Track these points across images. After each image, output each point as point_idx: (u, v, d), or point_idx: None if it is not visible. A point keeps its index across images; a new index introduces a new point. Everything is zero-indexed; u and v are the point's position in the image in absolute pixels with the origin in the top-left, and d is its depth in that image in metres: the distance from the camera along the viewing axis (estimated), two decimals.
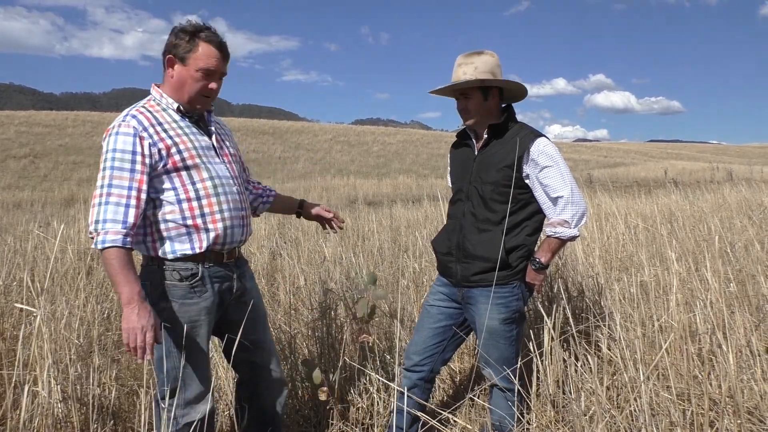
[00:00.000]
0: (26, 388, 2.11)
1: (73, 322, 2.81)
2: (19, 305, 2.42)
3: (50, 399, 2.26)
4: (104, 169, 1.90)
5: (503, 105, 2.44)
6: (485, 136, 2.37)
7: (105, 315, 3.63)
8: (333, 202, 13.62)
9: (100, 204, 1.87)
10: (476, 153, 2.40)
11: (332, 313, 3.22)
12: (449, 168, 2.61)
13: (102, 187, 1.88)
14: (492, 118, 2.38)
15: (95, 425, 2.35)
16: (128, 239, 1.86)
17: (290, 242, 5.28)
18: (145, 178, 1.92)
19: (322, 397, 2.65)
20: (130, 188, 1.88)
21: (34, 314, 2.49)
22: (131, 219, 1.88)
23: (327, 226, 2.59)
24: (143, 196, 1.92)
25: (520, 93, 2.44)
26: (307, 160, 34.17)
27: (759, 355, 2.36)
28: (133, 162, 1.90)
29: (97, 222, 1.85)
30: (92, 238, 1.86)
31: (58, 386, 2.32)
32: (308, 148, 37.29)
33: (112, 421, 2.50)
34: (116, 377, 2.76)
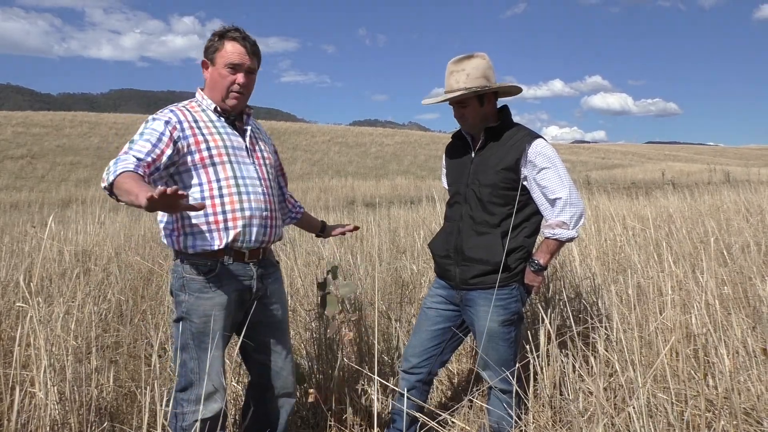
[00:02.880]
0: (17, 389, 2.11)
1: (71, 322, 2.81)
2: (19, 304, 2.42)
3: (47, 400, 2.25)
4: (131, 141, 1.98)
5: (499, 106, 2.44)
6: (482, 138, 2.37)
7: (102, 316, 3.62)
8: (331, 204, 13.61)
9: (118, 157, 1.91)
10: (473, 155, 2.40)
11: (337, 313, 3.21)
12: (445, 170, 2.61)
13: (128, 144, 1.96)
14: (489, 121, 2.38)
15: (93, 427, 2.35)
16: (140, 170, 1.88)
17: (288, 243, 5.29)
18: (168, 152, 1.99)
19: (310, 399, 2.66)
20: (148, 155, 1.94)
21: (30, 314, 2.48)
22: (147, 159, 1.92)
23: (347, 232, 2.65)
24: (163, 159, 1.98)
25: (514, 90, 2.44)
26: (305, 161, 34.14)
27: (755, 357, 2.37)
28: (159, 140, 1.99)
29: (107, 168, 1.87)
30: (105, 188, 1.85)
31: (55, 388, 2.32)
32: (306, 149, 37.27)
33: (109, 423, 2.50)
34: (114, 378, 2.76)
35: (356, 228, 2.61)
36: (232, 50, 2.11)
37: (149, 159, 1.94)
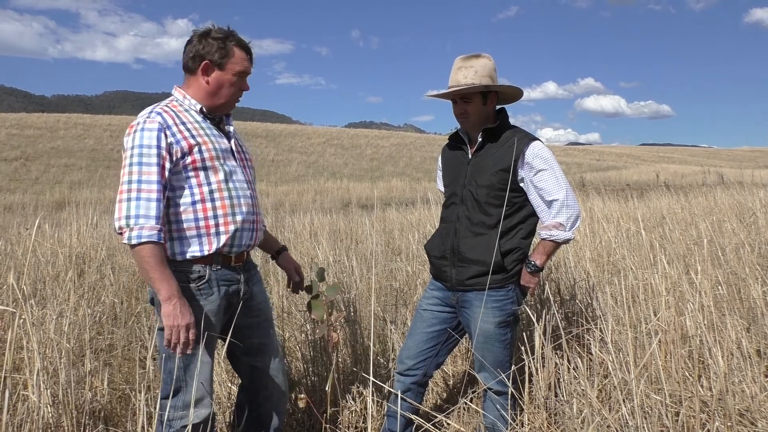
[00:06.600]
0: (7, 392, 2.09)
1: (64, 325, 2.79)
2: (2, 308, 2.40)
3: (40, 403, 2.24)
4: (131, 165, 1.91)
5: (497, 108, 2.46)
6: (479, 139, 2.37)
7: (97, 319, 3.60)
8: (326, 206, 13.60)
9: (129, 200, 1.87)
10: (470, 156, 2.41)
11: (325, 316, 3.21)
12: (440, 172, 2.61)
13: (131, 182, 1.89)
14: (488, 121, 2.39)
15: (87, 430, 2.33)
16: (161, 234, 1.88)
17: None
18: (167, 174, 1.95)
19: (301, 404, 2.65)
20: (158, 182, 1.91)
21: (22, 317, 2.47)
22: (160, 214, 1.90)
23: (291, 283, 2.56)
24: (167, 192, 1.96)
25: (514, 96, 2.46)
26: (301, 163, 34.12)
27: (750, 358, 2.38)
28: (159, 156, 1.92)
29: (128, 217, 1.85)
30: (121, 234, 1.87)
31: (48, 390, 2.30)
32: (301, 151, 37.25)
33: (104, 426, 2.49)
34: (108, 381, 2.74)
35: (298, 285, 2.52)
36: (242, 57, 2.10)
37: (161, 189, 1.91)
